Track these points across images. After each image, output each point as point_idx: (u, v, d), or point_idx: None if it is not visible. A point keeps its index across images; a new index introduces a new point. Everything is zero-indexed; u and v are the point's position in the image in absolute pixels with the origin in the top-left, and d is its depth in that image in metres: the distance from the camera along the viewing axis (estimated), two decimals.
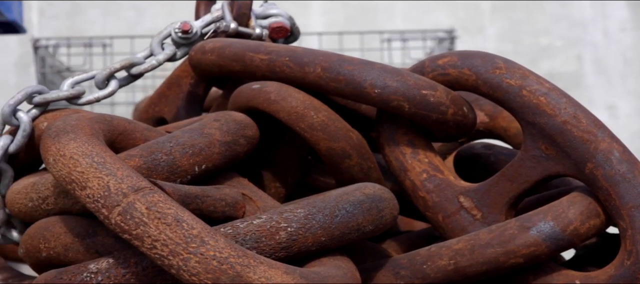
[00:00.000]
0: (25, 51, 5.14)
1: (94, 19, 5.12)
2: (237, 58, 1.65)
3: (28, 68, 5.14)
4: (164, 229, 1.33)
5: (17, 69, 5.16)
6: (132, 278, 1.42)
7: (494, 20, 5.19)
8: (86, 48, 3.74)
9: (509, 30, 5.20)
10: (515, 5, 5.19)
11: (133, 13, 5.13)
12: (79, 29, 5.04)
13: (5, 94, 5.16)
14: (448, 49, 3.77)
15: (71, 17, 5.17)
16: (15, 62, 5.18)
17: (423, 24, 4.95)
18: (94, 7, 5.12)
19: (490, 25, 5.19)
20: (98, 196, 1.38)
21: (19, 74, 5.15)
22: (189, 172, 1.50)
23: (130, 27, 5.08)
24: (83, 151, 1.42)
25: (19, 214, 1.65)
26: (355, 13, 5.12)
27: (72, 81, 1.73)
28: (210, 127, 1.53)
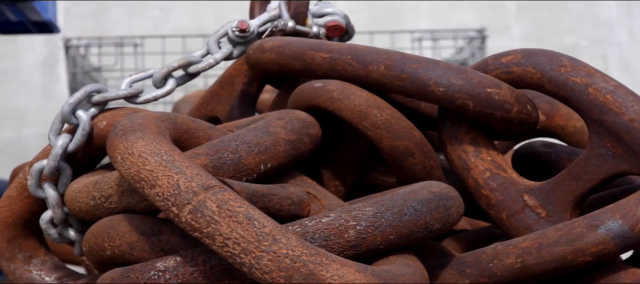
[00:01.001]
0: (50, 51, 5.16)
1: (119, 19, 5.14)
2: (298, 57, 1.66)
3: (54, 68, 5.16)
4: (235, 227, 1.33)
5: (43, 68, 5.18)
6: (200, 277, 1.42)
7: (519, 20, 5.18)
8: (117, 48, 3.74)
9: (534, 29, 5.19)
10: (540, 5, 5.18)
11: (158, 13, 5.14)
12: (104, 28, 5.05)
13: (32, 94, 5.17)
14: (478, 49, 3.77)
15: (96, 17, 5.18)
16: (41, 61, 5.20)
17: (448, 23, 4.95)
18: (120, 6, 5.14)
19: (515, 25, 5.18)
20: (168, 195, 1.38)
21: (45, 74, 5.17)
22: (255, 171, 1.50)
23: (155, 26, 5.09)
24: (151, 149, 1.42)
25: (79, 212, 1.65)
26: (380, 13, 5.12)
27: (129, 80, 1.73)
28: (275, 126, 1.53)
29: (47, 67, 5.16)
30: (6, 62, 5.04)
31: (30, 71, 5.18)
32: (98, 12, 5.13)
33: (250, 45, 1.79)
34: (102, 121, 1.71)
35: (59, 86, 5.14)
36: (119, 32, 4.76)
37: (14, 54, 5.00)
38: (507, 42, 5.03)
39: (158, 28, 5.05)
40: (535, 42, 5.13)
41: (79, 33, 4.61)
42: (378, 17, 5.07)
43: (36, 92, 5.15)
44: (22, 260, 1.85)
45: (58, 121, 1.70)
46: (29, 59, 5.20)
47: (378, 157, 1.75)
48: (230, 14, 5.13)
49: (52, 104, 5.17)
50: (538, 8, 5.17)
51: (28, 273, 1.85)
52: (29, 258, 1.86)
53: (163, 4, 5.12)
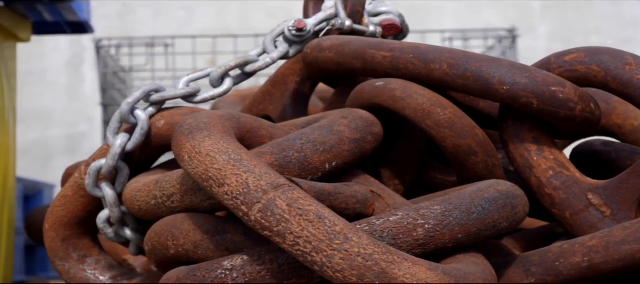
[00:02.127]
0: (75, 52, 5.16)
1: (144, 19, 5.14)
2: (358, 55, 1.66)
3: (79, 69, 5.17)
4: (306, 226, 1.33)
5: (68, 69, 5.18)
6: (267, 275, 1.42)
7: (544, 20, 5.17)
8: (148, 48, 3.75)
9: (559, 29, 5.18)
10: (565, 5, 5.18)
11: (183, 13, 5.14)
12: (129, 29, 5.06)
13: (57, 95, 5.18)
14: (509, 48, 3.77)
15: (122, 17, 5.19)
16: (66, 62, 5.20)
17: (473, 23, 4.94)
18: (145, 7, 5.14)
19: (540, 25, 5.18)
20: (237, 193, 1.38)
21: (70, 75, 5.17)
22: (320, 170, 1.50)
23: (180, 27, 5.09)
24: (219, 148, 1.42)
25: (139, 212, 1.65)
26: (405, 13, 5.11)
27: (187, 79, 1.73)
28: (339, 125, 1.53)
29: (72, 68, 5.17)
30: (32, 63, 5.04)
31: (56, 71, 5.19)
32: (124, 13, 5.14)
33: (306, 44, 1.79)
34: (160, 121, 1.71)
35: (84, 87, 5.15)
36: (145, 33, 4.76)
37: (39, 55, 5.01)
38: (533, 41, 5.02)
39: (183, 28, 5.05)
40: (560, 41, 5.12)
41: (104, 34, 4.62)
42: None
43: (61, 93, 5.16)
44: (76, 259, 1.86)
45: (116, 121, 1.71)
46: (54, 60, 5.21)
47: (435, 156, 1.75)
48: (254, 14, 5.14)
49: (77, 105, 5.18)
50: (563, 8, 5.16)
51: (82, 272, 1.86)
52: (83, 257, 1.86)
53: (188, 4, 5.12)
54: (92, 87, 5.10)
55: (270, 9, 5.11)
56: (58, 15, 3.02)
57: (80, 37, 5.12)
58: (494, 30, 3.84)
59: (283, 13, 5.10)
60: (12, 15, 2.87)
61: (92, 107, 5.11)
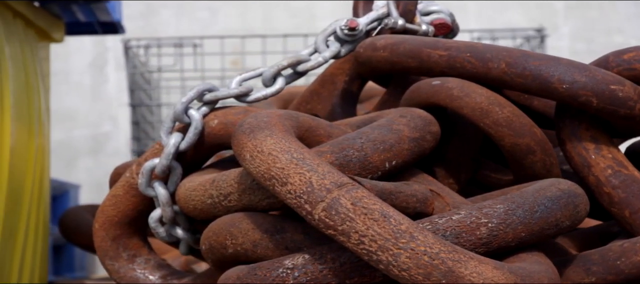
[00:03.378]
0: (99, 52, 5.17)
1: (167, 20, 5.15)
2: (413, 54, 1.66)
3: (102, 69, 5.18)
4: (371, 224, 1.33)
5: (92, 70, 5.19)
6: (329, 274, 1.42)
7: (567, 19, 5.17)
8: (176, 48, 3.75)
9: (582, 28, 5.18)
10: (588, 4, 5.17)
11: (206, 13, 5.15)
12: (152, 29, 5.06)
13: (81, 95, 5.19)
14: (537, 48, 3.77)
15: (145, 18, 5.19)
16: (90, 63, 5.21)
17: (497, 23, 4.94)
18: (168, 7, 5.15)
19: (563, 24, 5.17)
20: (300, 192, 1.38)
21: (94, 75, 5.18)
22: (380, 169, 1.50)
23: (203, 27, 5.10)
24: (281, 147, 1.42)
25: (193, 211, 1.65)
26: None
27: (239, 79, 1.73)
28: (399, 123, 1.53)
29: (95, 68, 5.17)
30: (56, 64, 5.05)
31: (80, 72, 5.20)
32: (147, 13, 5.14)
33: (358, 43, 1.79)
34: (213, 120, 1.71)
35: (108, 87, 5.16)
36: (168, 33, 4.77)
37: (63, 56, 5.01)
38: (556, 41, 5.01)
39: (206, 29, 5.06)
40: (584, 41, 5.12)
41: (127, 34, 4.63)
42: None
43: (85, 94, 5.17)
44: (126, 259, 1.86)
45: (170, 120, 1.71)
46: (78, 60, 5.22)
47: (493, 155, 1.75)
48: (277, 14, 5.14)
49: (101, 106, 5.19)
50: (586, 7, 5.15)
51: (132, 271, 1.86)
52: (133, 257, 1.86)
53: (211, 5, 5.12)
54: (116, 88, 5.11)
55: (292, 10, 5.11)
56: (91, 15, 3.03)
57: (103, 38, 5.13)
58: (522, 30, 3.83)
59: (306, 13, 5.11)
60: (47, 16, 2.88)
61: (115, 108, 5.12)
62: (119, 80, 5.09)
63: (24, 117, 2.58)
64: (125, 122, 5.06)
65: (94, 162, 5.09)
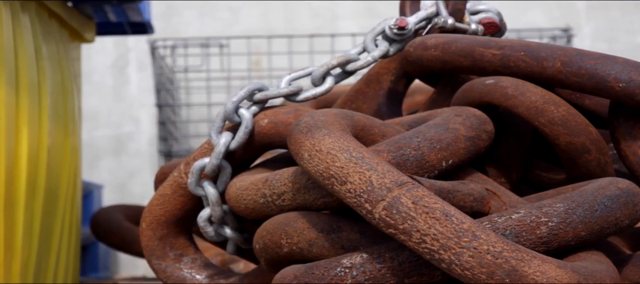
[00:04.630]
0: (121, 53, 5.18)
1: (189, 20, 5.15)
2: (466, 53, 1.65)
3: (124, 70, 5.18)
4: (433, 223, 1.33)
5: (113, 70, 5.20)
6: (387, 273, 1.41)
7: (589, 19, 5.16)
8: (203, 48, 3.75)
9: (604, 29, 5.17)
10: (610, 5, 5.16)
11: (228, 14, 5.15)
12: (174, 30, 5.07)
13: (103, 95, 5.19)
14: None
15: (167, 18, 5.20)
16: (111, 63, 5.22)
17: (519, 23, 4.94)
18: (189, 8, 5.14)
19: (585, 24, 5.16)
20: (360, 191, 1.38)
21: (115, 76, 5.19)
22: (437, 167, 1.50)
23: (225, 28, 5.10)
24: (340, 146, 1.42)
25: (245, 210, 1.65)
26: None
27: (289, 78, 1.73)
28: (454, 122, 1.53)
29: (117, 69, 5.17)
30: None
31: (101, 72, 5.21)
32: (168, 14, 5.14)
33: (406, 43, 1.79)
34: (263, 119, 1.71)
35: (129, 88, 5.16)
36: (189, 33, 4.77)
37: (85, 56, 5.01)
38: (578, 41, 5.00)
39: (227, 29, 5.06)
40: (605, 41, 5.11)
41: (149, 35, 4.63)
42: None
43: (107, 94, 5.17)
44: (172, 258, 1.86)
45: (220, 119, 1.71)
46: (99, 61, 5.23)
47: (538, 154, 1.75)
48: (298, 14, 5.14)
49: (122, 106, 5.19)
50: (608, 7, 5.14)
51: (179, 270, 1.86)
52: (179, 256, 1.86)
53: (232, 5, 5.12)
54: (137, 89, 5.11)
55: (314, 9, 5.11)
56: (123, 15, 3.03)
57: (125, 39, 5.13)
58: (549, 30, 3.83)
59: (328, 13, 5.11)
60: (79, 16, 2.88)
61: (137, 108, 5.12)
62: (140, 81, 5.09)
63: (60, 117, 2.59)
64: (146, 123, 5.07)
65: (115, 162, 5.10)
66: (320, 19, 5.09)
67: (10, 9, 2.21)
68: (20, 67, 2.25)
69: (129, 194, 4.96)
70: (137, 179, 5.03)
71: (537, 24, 4.76)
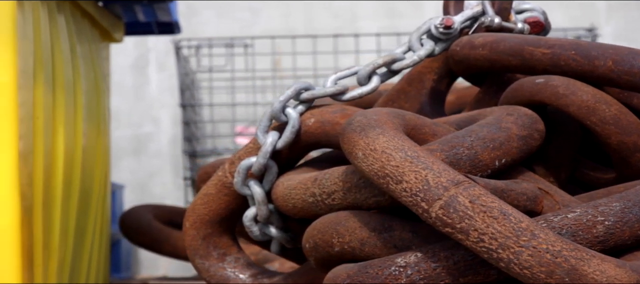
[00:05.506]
0: (141, 53, 5.18)
1: (208, 20, 5.15)
2: (515, 52, 1.65)
3: (144, 70, 5.19)
4: (491, 222, 1.33)
5: (133, 70, 5.20)
6: (442, 273, 1.41)
7: (609, 19, 5.15)
8: (227, 48, 3.75)
9: (625, 29, 5.16)
10: (630, 4, 5.15)
11: (248, 14, 5.15)
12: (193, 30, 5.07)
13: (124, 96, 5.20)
14: None
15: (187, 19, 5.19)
16: (131, 64, 5.22)
17: None
18: (209, 8, 5.15)
19: (606, 24, 5.16)
20: (416, 190, 1.37)
21: (135, 76, 5.19)
22: (490, 167, 1.50)
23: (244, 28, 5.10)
24: (394, 145, 1.42)
25: (293, 209, 1.65)
26: None
27: (334, 77, 1.73)
28: (507, 122, 1.53)
29: (137, 69, 5.18)
30: None
31: (121, 73, 5.21)
32: (188, 14, 5.15)
33: (452, 42, 1.78)
34: (310, 118, 1.71)
35: (149, 88, 5.17)
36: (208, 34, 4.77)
37: None
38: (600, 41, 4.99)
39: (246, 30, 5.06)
40: (626, 41, 5.10)
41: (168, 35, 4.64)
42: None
43: (127, 94, 5.18)
44: (216, 258, 1.86)
45: (266, 119, 1.71)
46: (120, 61, 5.23)
47: (586, 154, 1.75)
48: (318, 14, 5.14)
49: (142, 106, 5.20)
50: (629, 7, 5.14)
51: (222, 270, 1.86)
52: (223, 256, 1.86)
53: (252, 5, 5.12)
54: (157, 89, 5.12)
55: (334, 10, 5.11)
56: (152, 15, 3.04)
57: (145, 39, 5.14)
58: (574, 30, 3.83)
59: (347, 14, 5.11)
60: (109, 16, 2.89)
61: (157, 109, 5.12)
62: (160, 81, 5.10)
63: (93, 117, 2.59)
64: (166, 123, 5.07)
65: (136, 162, 5.10)
66: (340, 19, 5.09)
67: (47, 9, 2.21)
68: (57, 67, 2.26)
69: (149, 194, 4.97)
70: (157, 179, 5.03)
71: (558, 24, 4.75)
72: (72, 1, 2.46)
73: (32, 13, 2.10)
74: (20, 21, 1.99)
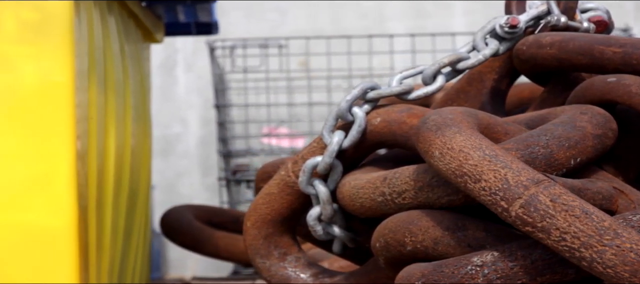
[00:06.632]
0: (168, 54, 5.19)
1: (236, 21, 5.15)
2: (584, 51, 1.65)
3: (172, 71, 5.19)
4: (573, 221, 1.32)
5: (161, 71, 5.21)
6: (520, 272, 1.41)
7: (638, 20, 5.14)
8: (262, 49, 3.76)
9: None
10: None
11: (275, 15, 5.15)
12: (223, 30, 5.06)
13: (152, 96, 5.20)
14: None
15: None
16: (159, 64, 5.23)
17: None
18: (237, 9, 5.15)
19: (634, 25, 5.14)
20: (496, 189, 1.37)
21: (163, 77, 5.20)
22: (565, 165, 1.49)
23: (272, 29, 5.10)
24: (472, 144, 1.42)
25: (360, 208, 1.65)
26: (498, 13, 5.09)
27: (400, 77, 1.73)
28: (581, 120, 1.53)
29: (165, 70, 5.19)
30: None
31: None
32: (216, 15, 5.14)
33: (517, 41, 1.78)
34: (376, 118, 1.71)
35: (177, 89, 5.17)
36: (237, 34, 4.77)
37: None
38: None
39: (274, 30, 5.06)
40: None
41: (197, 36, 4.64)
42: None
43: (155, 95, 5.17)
44: (277, 257, 1.86)
45: (332, 118, 1.71)
46: None
47: None
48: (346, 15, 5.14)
49: (170, 107, 5.20)
50: None
51: (283, 269, 1.86)
52: (283, 255, 1.86)
53: (279, 6, 5.13)
54: (185, 89, 5.12)
55: (362, 10, 5.11)
56: (192, 15, 3.04)
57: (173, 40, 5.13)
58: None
59: (375, 14, 5.10)
60: (151, 16, 2.89)
61: (184, 109, 5.13)
62: (188, 81, 5.10)
63: (140, 118, 2.60)
64: (194, 124, 5.07)
65: (164, 163, 5.11)
66: (367, 20, 5.09)
67: (99, 9, 2.21)
68: (108, 68, 2.26)
69: (177, 194, 4.96)
70: (185, 179, 5.04)
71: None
72: (120, 1, 2.46)
73: (86, 13, 2.10)
74: (76, 22, 1.99)
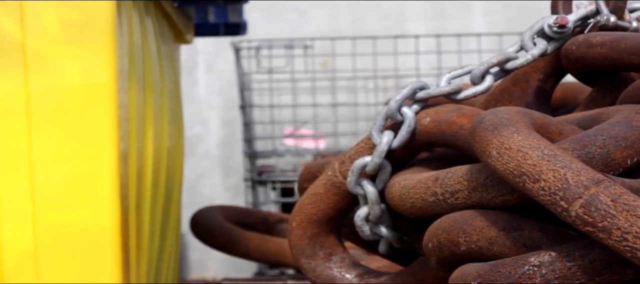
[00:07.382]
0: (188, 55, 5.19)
1: (257, 22, 5.15)
2: (636, 51, 1.64)
3: (192, 72, 5.19)
4: (635, 221, 1.32)
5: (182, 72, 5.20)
6: (578, 272, 1.41)
7: None
8: (287, 49, 3.76)
9: None
10: None
11: (295, 15, 5.15)
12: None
13: None
14: None
15: None
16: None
17: None
18: (257, 10, 5.15)
19: None
20: (555, 189, 1.37)
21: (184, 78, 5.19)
22: (621, 165, 1.49)
23: (292, 29, 5.11)
24: (530, 143, 1.42)
25: (411, 209, 1.65)
26: (517, 14, 5.09)
27: (448, 76, 1.73)
28: (637, 120, 1.52)
29: (185, 71, 5.18)
30: None
31: None
32: None
33: (565, 41, 1.78)
34: (425, 118, 1.71)
35: (198, 90, 5.17)
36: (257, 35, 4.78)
37: None
38: None
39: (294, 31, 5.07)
40: None
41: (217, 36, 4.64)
42: (516, 19, 5.04)
43: None
44: (322, 257, 1.86)
45: (382, 118, 1.71)
46: None
47: None
48: (367, 16, 5.14)
49: (191, 108, 5.20)
50: None
51: (329, 270, 1.86)
52: (329, 255, 1.86)
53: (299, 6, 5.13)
54: (206, 90, 5.12)
55: (383, 11, 5.11)
56: (223, 16, 3.04)
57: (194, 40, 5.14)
58: None
59: (395, 15, 5.10)
60: (182, 17, 2.90)
61: (205, 110, 5.13)
62: (208, 82, 5.10)
63: (175, 119, 2.60)
64: (215, 125, 5.08)
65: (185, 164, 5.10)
66: (388, 20, 5.09)
67: (137, 9, 2.22)
68: (146, 68, 2.26)
69: (198, 195, 4.97)
70: (207, 180, 5.04)
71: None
72: (156, 1, 2.47)
73: (126, 13, 2.10)
74: (118, 21, 2.00)
